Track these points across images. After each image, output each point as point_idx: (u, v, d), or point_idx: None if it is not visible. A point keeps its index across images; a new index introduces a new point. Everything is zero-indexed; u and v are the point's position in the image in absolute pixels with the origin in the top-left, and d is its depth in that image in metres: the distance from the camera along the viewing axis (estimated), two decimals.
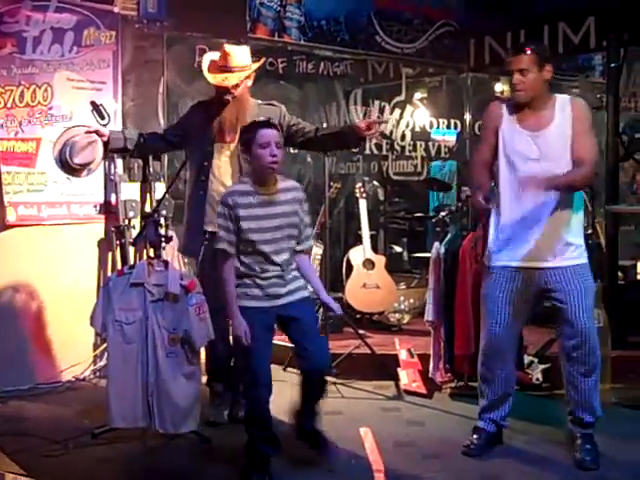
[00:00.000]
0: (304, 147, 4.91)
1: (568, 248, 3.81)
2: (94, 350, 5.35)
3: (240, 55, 4.29)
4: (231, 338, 3.77)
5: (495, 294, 3.91)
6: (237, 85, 4.27)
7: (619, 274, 6.05)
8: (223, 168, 4.34)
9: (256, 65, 4.37)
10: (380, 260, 6.37)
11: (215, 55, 4.38)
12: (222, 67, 4.26)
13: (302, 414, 3.85)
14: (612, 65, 5.85)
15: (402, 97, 8.15)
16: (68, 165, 4.42)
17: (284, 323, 3.78)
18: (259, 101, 4.45)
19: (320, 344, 3.77)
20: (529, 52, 3.75)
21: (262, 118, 3.92)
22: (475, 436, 4.00)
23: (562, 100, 3.84)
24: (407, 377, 5.02)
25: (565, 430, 4.04)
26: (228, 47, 4.30)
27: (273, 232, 3.64)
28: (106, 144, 4.43)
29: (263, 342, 3.64)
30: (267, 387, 3.63)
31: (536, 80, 3.77)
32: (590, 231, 6.20)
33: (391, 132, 8.07)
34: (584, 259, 3.87)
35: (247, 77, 4.32)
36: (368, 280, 6.22)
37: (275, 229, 3.65)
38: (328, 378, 4.13)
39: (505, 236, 3.88)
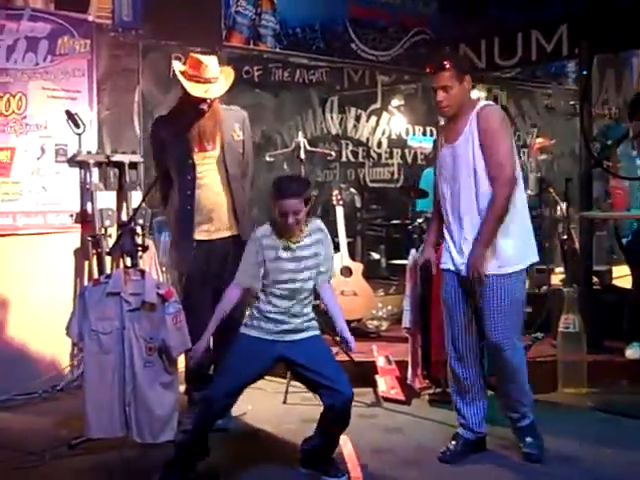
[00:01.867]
0: None
1: (492, 256, 3.76)
2: (71, 360, 5.31)
3: (214, 65, 4.30)
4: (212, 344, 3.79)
5: (448, 297, 3.98)
6: (217, 97, 4.30)
7: (594, 279, 6.11)
8: (210, 177, 4.35)
9: (232, 76, 4.38)
10: (357, 267, 6.38)
11: (181, 65, 4.39)
12: (196, 77, 4.24)
13: (320, 444, 3.74)
14: (583, 72, 5.91)
15: (378, 104, 8.18)
16: None
17: (296, 371, 3.78)
18: (224, 105, 4.47)
19: (338, 375, 3.64)
20: (448, 68, 3.75)
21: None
22: (453, 442, 4.01)
23: (476, 109, 3.81)
24: (385, 384, 5.03)
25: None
26: (203, 58, 4.29)
27: (293, 280, 3.67)
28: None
29: (240, 370, 3.62)
30: (215, 413, 3.64)
31: (459, 94, 3.78)
32: (565, 237, 6.27)
33: (367, 139, 8.10)
34: (508, 268, 3.78)
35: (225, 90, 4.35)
36: (346, 287, 6.22)
37: (295, 274, 3.68)
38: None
39: (447, 242, 3.97)
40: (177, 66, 4.40)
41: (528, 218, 3.95)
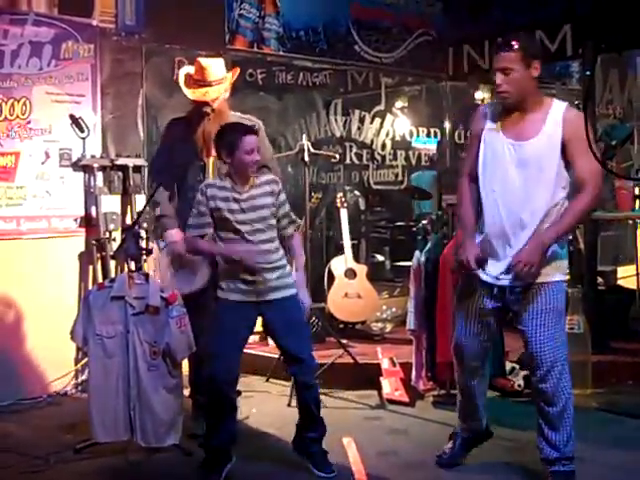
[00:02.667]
0: None
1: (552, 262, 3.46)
2: (75, 364, 5.32)
3: (216, 68, 4.31)
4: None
5: (464, 301, 3.71)
6: (216, 98, 4.29)
7: (599, 279, 6.10)
8: None
9: (233, 76, 4.39)
10: (362, 269, 6.38)
11: (190, 69, 4.40)
12: (199, 81, 4.27)
13: (304, 426, 3.85)
14: (587, 72, 5.91)
15: (382, 106, 8.18)
16: None
17: (268, 326, 3.85)
18: (238, 113, 4.46)
19: (303, 345, 3.77)
20: (513, 47, 3.35)
21: (246, 122, 4.07)
22: (449, 445, 3.94)
23: (557, 108, 3.45)
24: (390, 386, 5.03)
25: None
26: (204, 61, 4.31)
27: (252, 224, 3.70)
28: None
29: (231, 331, 3.69)
30: (225, 370, 3.68)
31: (522, 80, 3.37)
32: (570, 237, 6.26)
33: (372, 141, 8.10)
34: (555, 277, 3.50)
35: (226, 89, 4.35)
36: (350, 289, 6.23)
37: (253, 221, 3.71)
38: None
39: (480, 246, 3.59)
40: (185, 69, 4.41)
41: None
